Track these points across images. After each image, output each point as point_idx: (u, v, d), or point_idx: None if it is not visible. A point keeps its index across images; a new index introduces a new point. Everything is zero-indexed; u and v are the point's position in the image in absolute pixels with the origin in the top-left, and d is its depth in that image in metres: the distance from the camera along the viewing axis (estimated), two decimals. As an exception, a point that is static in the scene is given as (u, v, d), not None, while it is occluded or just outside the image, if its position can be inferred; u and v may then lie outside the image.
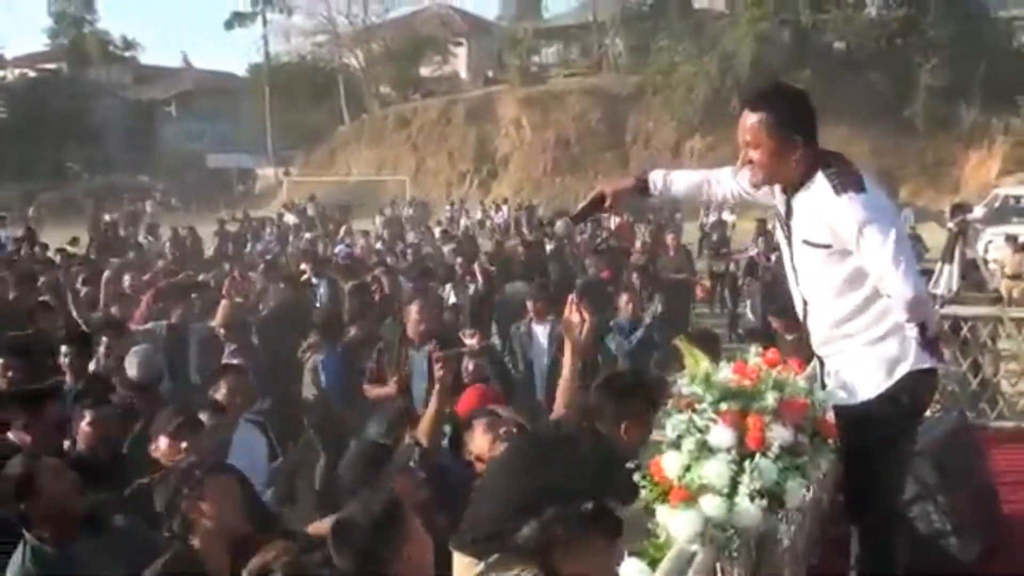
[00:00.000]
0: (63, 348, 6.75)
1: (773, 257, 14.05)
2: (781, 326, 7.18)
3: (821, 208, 3.40)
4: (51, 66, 66.19)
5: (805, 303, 3.65)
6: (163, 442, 4.74)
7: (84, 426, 5.04)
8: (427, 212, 36.98)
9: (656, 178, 3.96)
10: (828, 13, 39.56)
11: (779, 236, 3.75)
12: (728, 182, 3.87)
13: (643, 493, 2.82)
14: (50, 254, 17.64)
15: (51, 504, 3.72)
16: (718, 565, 2.80)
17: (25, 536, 3.71)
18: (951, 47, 37.15)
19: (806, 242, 3.50)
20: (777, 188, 3.60)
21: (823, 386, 3.38)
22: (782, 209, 3.60)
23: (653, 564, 2.65)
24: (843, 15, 39.61)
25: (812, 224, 3.46)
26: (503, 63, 52.31)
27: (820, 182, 3.41)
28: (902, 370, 3.47)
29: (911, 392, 3.50)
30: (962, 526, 4.49)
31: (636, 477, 2.84)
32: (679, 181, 3.97)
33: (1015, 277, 12.47)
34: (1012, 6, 42.77)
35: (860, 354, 3.51)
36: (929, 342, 3.47)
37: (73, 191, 51.27)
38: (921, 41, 38.19)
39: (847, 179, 3.36)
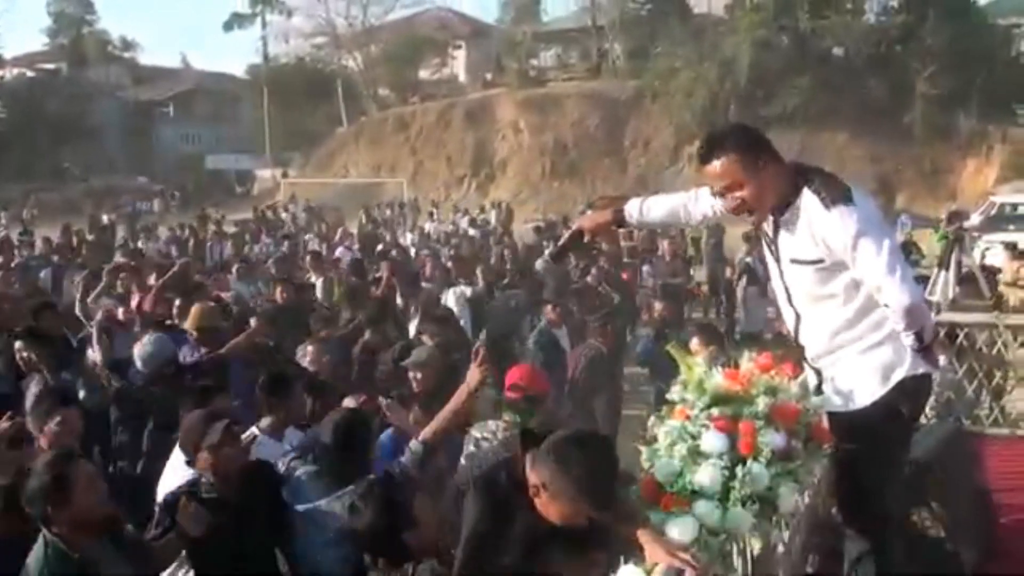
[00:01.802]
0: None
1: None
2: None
3: (813, 223, 3.40)
4: (50, 66, 66.25)
5: (798, 318, 3.65)
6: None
7: (53, 426, 4.98)
8: (407, 214, 36.54)
9: (632, 208, 3.99)
10: (827, 19, 39.61)
11: (766, 254, 3.75)
12: (706, 203, 3.86)
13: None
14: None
15: (79, 512, 3.70)
16: (712, 571, 2.79)
17: (45, 535, 3.70)
18: (949, 54, 37.21)
19: (795, 260, 3.51)
20: None
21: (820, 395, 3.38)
22: (769, 230, 3.60)
23: (648, 570, 2.64)
24: (842, 21, 39.68)
25: (801, 241, 3.46)
26: (502, 66, 52.38)
27: (808, 198, 3.42)
28: (897, 376, 3.48)
29: (906, 398, 3.51)
30: (958, 533, 4.48)
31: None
32: (656, 208, 3.99)
33: (1012, 284, 12.45)
34: (1010, 14, 42.87)
35: (855, 361, 3.52)
36: (924, 348, 3.48)
37: (71, 192, 51.24)
38: (919, 48, 38.25)
39: (835, 193, 3.37)
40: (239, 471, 4.34)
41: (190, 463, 4.34)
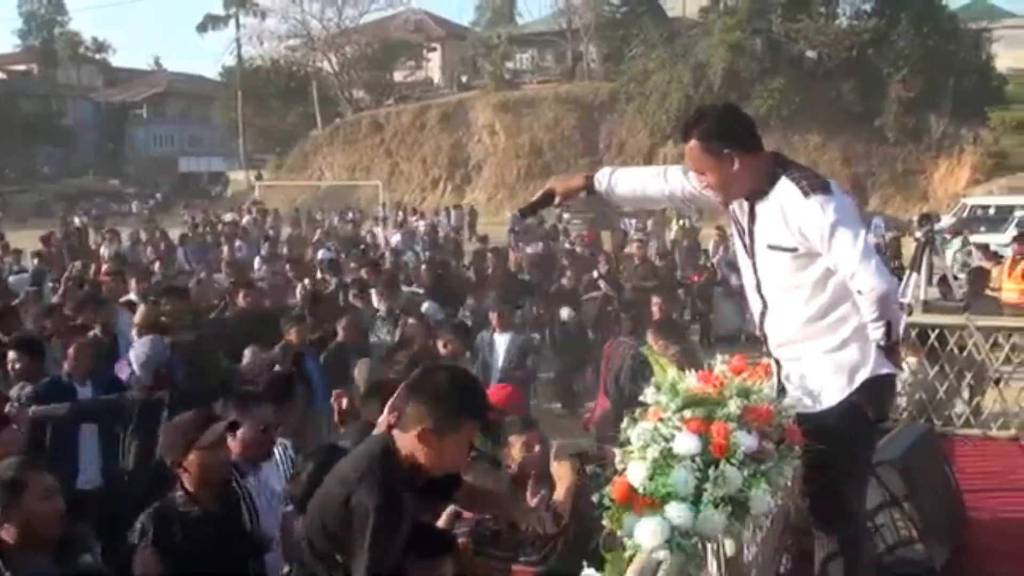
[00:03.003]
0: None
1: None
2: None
3: (789, 211, 3.43)
4: (21, 67, 65.64)
5: (764, 306, 3.67)
6: None
7: None
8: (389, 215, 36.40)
9: (602, 176, 4.01)
10: (800, 23, 39.88)
11: (737, 242, 3.77)
12: (678, 179, 3.88)
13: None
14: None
15: (28, 521, 3.57)
16: (684, 573, 2.79)
17: None
18: (921, 58, 37.58)
19: (771, 246, 3.53)
20: None
21: (781, 388, 3.41)
22: (743, 216, 3.63)
23: (620, 574, 2.64)
24: (814, 25, 39.95)
25: (778, 228, 3.49)
26: (477, 69, 52.38)
27: (785, 185, 3.45)
28: (862, 376, 3.51)
29: (872, 398, 3.54)
30: (928, 533, 4.51)
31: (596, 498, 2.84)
32: (624, 180, 4.00)
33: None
34: (980, 18, 43.31)
35: (820, 361, 3.55)
36: (889, 348, 3.51)
37: (42, 194, 50.83)
38: (891, 52, 38.59)
39: (814, 182, 3.42)
40: (221, 482, 4.20)
41: (174, 465, 4.10)
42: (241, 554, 4.18)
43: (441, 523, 3.55)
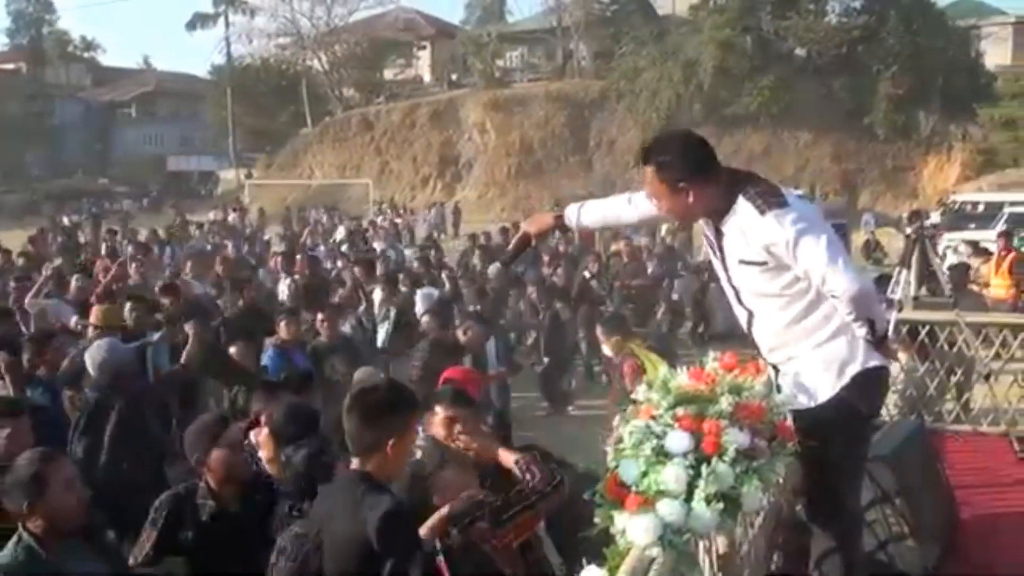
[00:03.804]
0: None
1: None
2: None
3: (748, 231, 3.46)
4: (9, 66, 65.32)
5: (750, 315, 3.69)
6: None
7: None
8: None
9: (571, 213, 4.12)
10: (789, 20, 39.94)
11: (712, 256, 3.79)
12: (643, 206, 3.93)
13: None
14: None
15: (55, 512, 3.69)
16: (677, 570, 2.79)
17: (21, 533, 3.69)
18: (910, 55, 37.67)
19: (742, 261, 3.55)
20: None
21: (779, 392, 3.41)
22: (711, 234, 3.66)
23: (612, 571, 2.63)
24: (804, 23, 40.00)
25: (743, 246, 3.51)
26: (467, 67, 52.29)
27: (743, 206, 3.46)
28: (852, 370, 3.53)
29: (863, 392, 3.56)
30: (920, 529, 4.51)
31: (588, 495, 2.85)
32: (591, 213, 4.13)
33: (974, 282, 12.62)
34: (969, 15, 43.43)
35: (810, 357, 3.57)
36: (878, 342, 3.52)
37: (34, 194, 50.63)
38: (881, 49, 38.66)
39: (768, 198, 3.42)
40: (243, 480, 4.35)
41: (199, 464, 4.28)
42: (257, 555, 4.18)
43: (431, 525, 3.53)
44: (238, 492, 4.28)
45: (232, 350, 7.71)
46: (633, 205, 3.99)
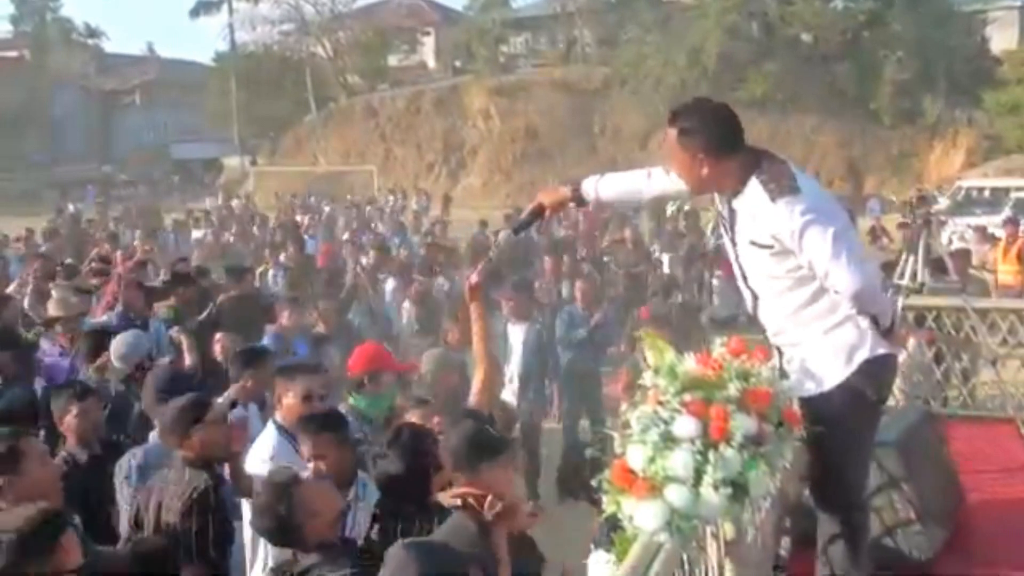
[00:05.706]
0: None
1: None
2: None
3: (758, 215, 3.44)
4: (13, 54, 65.17)
5: (755, 298, 3.67)
6: None
7: (71, 418, 4.97)
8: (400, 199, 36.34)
9: (588, 186, 4.06)
10: (795, 5, 39.77)
11: (723, 236, 3.77)
12: (661, 181, 3.91)
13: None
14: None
15: (27, 487, 3.69)
16: (684, 556, 2.79)
17: None
18: (916, 41, 37.52)
19: (752, 243, 3.53)
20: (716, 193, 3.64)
21: (782, 374, 3.40)
22: (724, 210, 3.62)
23: (620, 556, 2.63)
24: (810, 8, 39.82)
25: (753, 228, 3.49)
26: (471, 53, 52.14)
27: (754, 188, 3.43)
28: (860, 356, 3.51)
29: (871, 379, 3.54)
30: (926, 515, 4.51)
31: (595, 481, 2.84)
32: (610, 186, 4.06)
33: (981, 267, 12.61)
34: (975, 1, 43.21)
35: (818, 344, 3.54)
36: (886, 330, 3.50)
37: (33, 181, 50.62)
38: (886, 34, 38.53)
39: (781, 183, 3.38)
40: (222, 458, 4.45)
41: (178, 446, 4.33)
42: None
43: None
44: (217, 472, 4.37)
45: (218, 336, 7.59)
46: (653, 179, 3.95)
